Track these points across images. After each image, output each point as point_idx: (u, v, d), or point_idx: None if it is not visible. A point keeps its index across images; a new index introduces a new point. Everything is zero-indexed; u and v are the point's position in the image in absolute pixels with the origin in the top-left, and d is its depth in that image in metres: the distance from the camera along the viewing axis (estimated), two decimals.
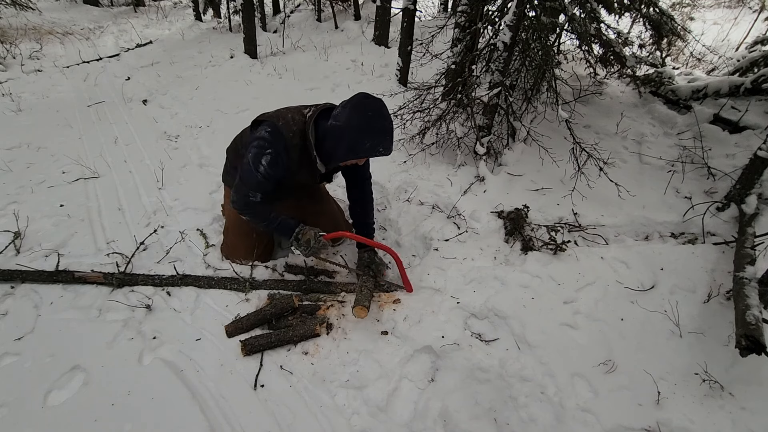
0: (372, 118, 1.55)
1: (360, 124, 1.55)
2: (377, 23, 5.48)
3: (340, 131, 1.59)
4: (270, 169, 1.70)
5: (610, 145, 2.96)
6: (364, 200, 2.08)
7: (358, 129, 1.55)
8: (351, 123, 1.56)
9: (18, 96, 4.69)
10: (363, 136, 1.56)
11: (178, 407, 1.53)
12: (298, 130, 1.71)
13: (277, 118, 1.73)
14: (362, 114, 1.55)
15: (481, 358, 1.66)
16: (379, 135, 1.57)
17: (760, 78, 3.17)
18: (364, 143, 1.56)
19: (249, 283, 2.04)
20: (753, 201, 2.24)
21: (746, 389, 1.49)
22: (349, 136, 1.57)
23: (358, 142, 1.57)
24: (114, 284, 2.04)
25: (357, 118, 1.55)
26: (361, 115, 1.55)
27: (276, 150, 1.68)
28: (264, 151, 1.68)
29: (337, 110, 1.65)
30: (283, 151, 1.70)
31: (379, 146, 1.58)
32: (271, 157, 1.68)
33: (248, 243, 2.13)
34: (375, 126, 1.56)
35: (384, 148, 1.59)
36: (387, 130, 1.58)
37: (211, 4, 9.32)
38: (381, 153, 1.60)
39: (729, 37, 7.51)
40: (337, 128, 1.61)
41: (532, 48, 2.87)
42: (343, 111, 1.60)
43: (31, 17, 8.96)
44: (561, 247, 2.09)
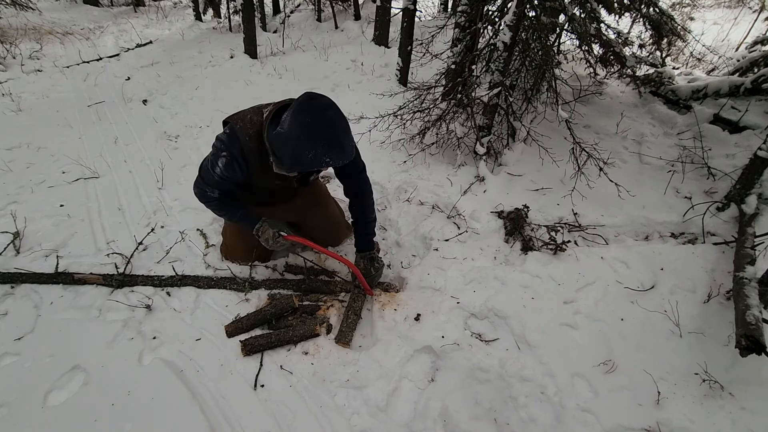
0: (312, 126, 1.36)
1: (299, 132, 1.36)
2: (377, 23, 5.48)
3: (283, 139, 1.41)
4: (225, 172, 1.62)
5: (610, 145, 2.96)
6: (358, 195, 1.95)
7: (298, 137, 1.37)
8: (291, 131, 1.38)
9: (18, 96, 4.69)
10: (303, 146, 1.37)
11: (178, 407, 1.53)
12: (254, 133, 1.57)
13: (237, 119, 1.61)
14: (302, 121, 1.36)
15: (481, 358, 1.66)
16: (322, 144, 1.37)
17: (760, 78, 3.17)
18: (306, 154, 1.37)
19: (248, 283, 2.03)
20: (753, 201, 2.24)
21: (746, 389, 1.49)
22: (290, 145, 1.39)
23: (299, 152, 1.38)
24: (114, 285, 2.04)
25: (297, 126, 1.36)
26: (300, 121, 1.36)
27: (231, 154, 1.58)
28: (220, 153, 1.59)
29: (286, 112, 1.46)
30: (239, 156, 1.58)
31: (324, 156, 1.38)
32: (226, 160, 1.59)
33: (246, 243, 2.12)
34: (316, 134, 1.36)
35: (331, 159, 1.40)
36: (330, 139, 1.37)
37: (211, 4, 9.32)
38: (328, 164, 1.42)
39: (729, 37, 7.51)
40: (281, 136, 1.43)
41: (532, 48, 2.87)
42: (287, 115, 1.42)
43: (31, 17, 8.96)
44: (561, 247, 2.09)
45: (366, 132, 3.11)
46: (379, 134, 3.16)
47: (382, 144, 3.12)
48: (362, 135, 3.12)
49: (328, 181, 2.88)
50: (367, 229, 2.00)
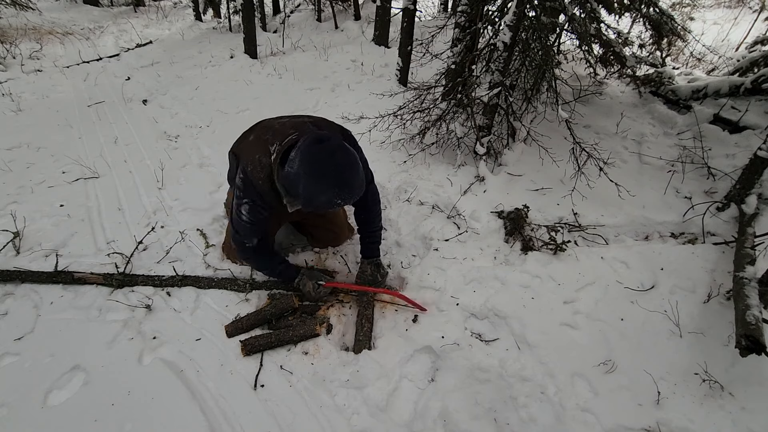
0: (322, 172, 1.36)
1: (310, 176, 1.37)
2: (377, 23, 5.48)
3: (294, 181, 1.42)
4: (252, 217, 1.66)
5: (610, 145, 2.96)
6: (363, 207, 1.94)
7: (308, 182, 1.38)
8: (302, 173, 1.38)
9: (18, 96, 4.69)
10: (315, 191, 1.38)
11: (178, 407, 1.53)
12: (265, 176, 1.58)
13: (247, 160, 1.62)
14: (311, 169, 1.37)
15: (481, 358, 1.66)
16: (333, 189, 1.38)
17: (760, 78, 3.17)
18: (319, 197, 1.39)
19: (249, 284, 2.03)
20: (753, 201, 2.24)
21: (746, 389, 1.49)
22: (302, 187, 1.40)
23: (311, 197, 1.40)
24: (114, 285, 2.04)
25: (307, 172, 1.37)
26: (309, 169, 1.37)
27: (251, 198, 1.62)
28: (242, 201, 1.64)
29: (292, 152, 1.45)
30: (258, 198, 1.62)
31: (335, 199, 1.39)
32: (249, 206, 1.63)
33: None
34: (327, 180, 1.37)
35: (343, 200, 1.41)
36: (340, 183, 1.38)
37: (211, 4, 9.32)
38: (339, 205, 1.43)
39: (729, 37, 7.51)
40: (291, 176, 1.43)
41: (532, 48, 2.87)
42: (296, 156, 1.41)
43: (31, 17, 8.96)
44: (561, 247, 2.09)
45: (366, 132, 3.11)
46: (379, 134, 3.16)
47: (382, 144, 3.12)
48: (362, 135, 3.11)
49: None
50: (372, 238, 2.01)
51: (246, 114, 4.10)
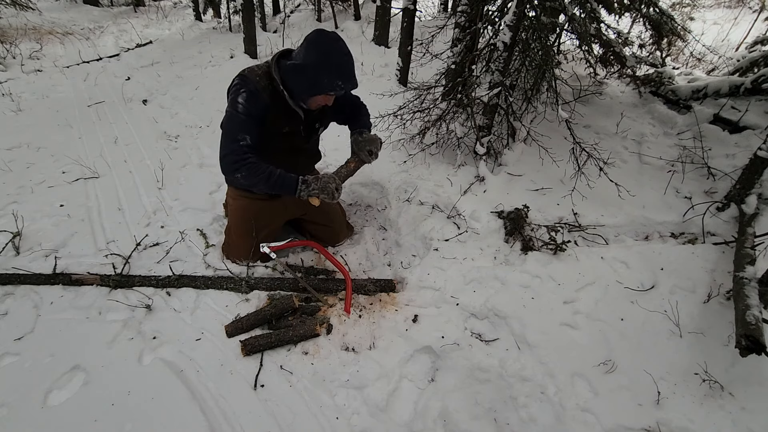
0: (328, 54, 1.58)
1: (316, 60, 1.58)
2: (377, 23, 5.47)
3: (300, 68, 1.62)
4: (248, 104, 1.68)
5: (610, 145, 2.96)
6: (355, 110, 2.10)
7: (314, 65, 1.58)
8: (307, 59, 1.59)
9: (18, 96, 4.69)
10: (320, 72, 1.59)
11: (178, 407, 1.53)
12: (263, 73, 1.73)
13: (242, 71, 1.76)
14: (318, 50, 1.58)
15: (481, 358, 1.66)
16: (336, 70, 1.59)
17: (760, 78, 3.17)
18: (322, 79, 1.60)
19: (246, 283, 2.03)
20: (753, 201, 2.24)
21: (746, 389, 1.49)
22: (307, 72, 1.60)
23: (316, 78, 1.60)
24: (111, 286, 2.04)
25: (314, 54, 1.58)
26: (317, 50, 1.58)
27: (249, 88, 1.69)
28: (239, 91, 1.68)
29: (296, 49, 1.69)
30: (256, 90, 1.69)
31: (337, 80, 1.60)
32: (247, 93, 1.68)
33: (249, 243, 2.12)
34: (331, 61, 1.58)
35: (343, 82, 1.61)
36: (342, 64, 1.60)
37: (211, 4, 9.32)
38: (341, 87, 1.63)
39: (729, 37, 7.51)
40: (297, 66, 1.63)
41: (532, 48, 2.87)
42: (301, 48, 1.63)
43: (31, 17, 8.96)
44: (561, 247, 2.09)
45: None
46: (379, 134, 3.15)
47: (382, 144, 3.11)
48: None
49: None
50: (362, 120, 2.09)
51: None
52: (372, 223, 2.58)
